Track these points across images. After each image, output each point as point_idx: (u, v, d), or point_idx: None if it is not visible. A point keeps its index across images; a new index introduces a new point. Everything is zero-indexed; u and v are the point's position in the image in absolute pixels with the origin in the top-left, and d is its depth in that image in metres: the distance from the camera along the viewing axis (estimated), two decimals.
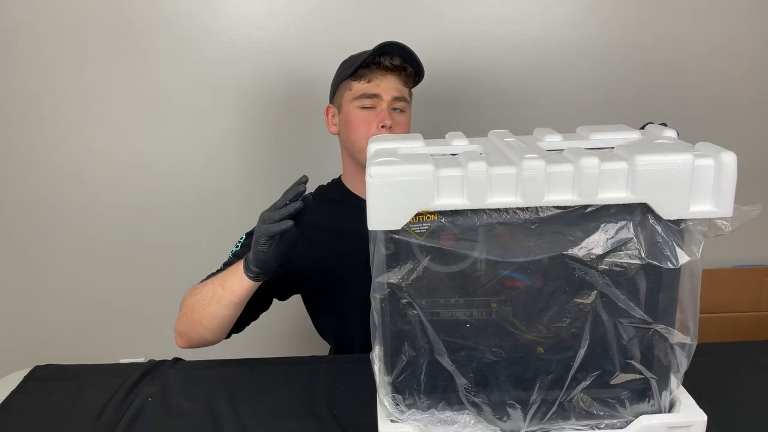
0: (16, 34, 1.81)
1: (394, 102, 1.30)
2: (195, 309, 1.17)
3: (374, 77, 1.29)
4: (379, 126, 1.28)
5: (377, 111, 1.30)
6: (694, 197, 0.80)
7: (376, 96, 1.30)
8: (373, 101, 1.30)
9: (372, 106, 1.30)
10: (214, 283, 1.15)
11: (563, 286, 0.85)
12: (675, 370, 0.87)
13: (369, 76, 1.30)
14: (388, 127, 1.28)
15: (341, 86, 1.35)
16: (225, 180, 1.95)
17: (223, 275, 1.15)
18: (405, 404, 0.89)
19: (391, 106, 1.30)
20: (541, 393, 0.87)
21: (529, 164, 0.79)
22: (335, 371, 1.20)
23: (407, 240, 0.82)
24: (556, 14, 1.83)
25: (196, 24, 1.82)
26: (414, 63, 1.33)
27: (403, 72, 1.32)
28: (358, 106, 1.31)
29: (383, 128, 1.28)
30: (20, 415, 1.12)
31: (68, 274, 2.01)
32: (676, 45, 1.85)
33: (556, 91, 1.88)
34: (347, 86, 1.33)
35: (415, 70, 1.34)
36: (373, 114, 1.30)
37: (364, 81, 1.30)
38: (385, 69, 1.30)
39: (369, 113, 1.30)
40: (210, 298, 1.14)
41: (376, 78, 1.29)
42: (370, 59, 1.29)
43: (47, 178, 1.93)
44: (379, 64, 1.29)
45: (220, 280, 1.14)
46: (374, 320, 0.87)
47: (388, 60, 1.29)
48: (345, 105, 1.33)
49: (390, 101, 1.30)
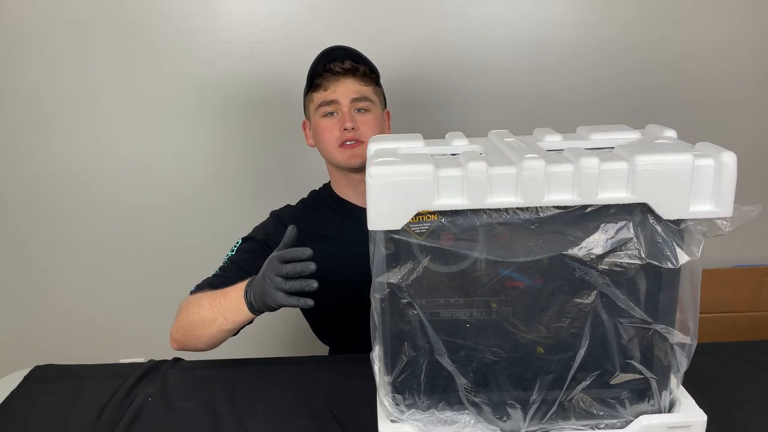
0: (17, 34, 1.81)
1: (354, 103, 1.32)
2: (193, 326, 1.16)
3: (329, 84, 1.32)
4: (342, 129, 1.30)
5: (339, 116, 1.32)
6: (694, 197, 0.80)
7: (334, 102, 1.31)
8: (334, 107, 1.32)
9: (333, 111, 1.32)
10: (213, 308, 1.13)
11: (563, 286, 0.85)
12: (675, 370, 0.87)
13: (324, 84, 1.32)
14: (350, 129, 1.29)
15: (306, 100, 1.39)
16: (226, 180, 1.95)
17: (223, 302, 1.13)
18: (405, 404, 0.89)
19: (352, 108, 1.31)
20: (541, 393, 0.87)
21: (529, 164, 0.79)
22: (335, 371, 1.20)
23: (407, 240, 0.82)
24: (556, 14, 1.83)
25: (197, 24, 1.82)
26: (365, 62, 1.35)
27: (357, 72, 1.33)
28: (321, 115, 1.33)
29: (346, 131, 1.29)
30: (20, 415, 1.12)
31: (68, 274, 2.01)
32: (676, 45, 1.85)
33: (556, 91, 1.88)
34: (310, 99, 1.36)
35: (369, 67, 1.35)
36: (336, 119, 1.32)
37: (321, 90, 1.32)
38: (337, 74, 1.31)
39: (332, 120, 1.32)
40: (210, 322, 1.14)
41: (330, 84, 1.31)
42: (321, 68, 1.32)
43: (47, 178, 1.93)
44: (331, 71, 1.31)
45: (221, 307, 1.13)
46: (374, 320, 0.87)
47: (338, 65, 1.31)
48: (312, 117, 1.36)
49: (349, 104, 1.31)
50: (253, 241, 1.32)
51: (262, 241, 1.31)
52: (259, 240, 1.31)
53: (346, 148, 1.31)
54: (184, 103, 1.87)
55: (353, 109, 1.31)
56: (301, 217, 1.36)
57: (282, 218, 1.36)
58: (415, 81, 1.84)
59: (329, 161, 1.38)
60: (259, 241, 1.31)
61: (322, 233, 1.34)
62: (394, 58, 1.81)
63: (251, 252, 1.30)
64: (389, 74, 1.83)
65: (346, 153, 1.31)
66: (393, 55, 1.81)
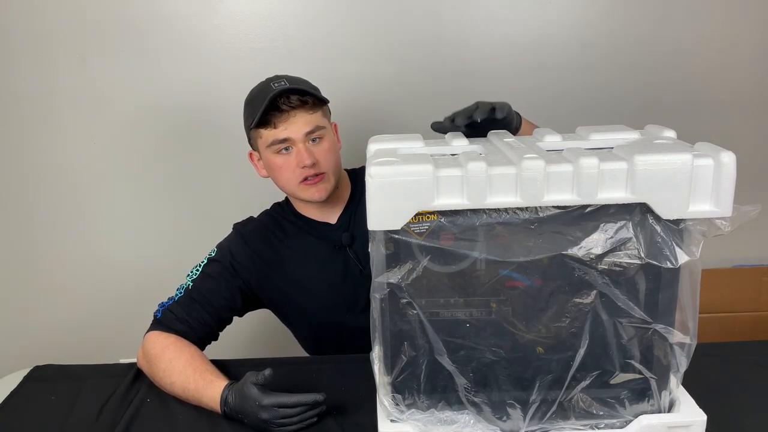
0: (16, 34, 1.81)
1: (308, 137, 1.25)
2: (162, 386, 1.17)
3: (279, 122, 1.24)
4: (301, 167, 1.25)
5: (294, 152, 1.25)
6: (694, 197, 0.80)
7: (287, 139, 1.24)
8: (287, 143, 1.25)
9: (287, 146, 1.25)
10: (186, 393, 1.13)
11: (563, 286, 0.85)
12: (675, 370, 0.87)
13: (273, 122, 1.24)
14: (309, 165, 1.24)
15: (252, 134, 1.30)
16: (226, 180, 1.95)
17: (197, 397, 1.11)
18: (405, 404, 0.89)
19: (306, 142, 1.25)
20: (541, 393, 0.87)
21: (528, 164, 0.79)
22: (335, 371, 1.20)
23: (407, 240, 0.82)
24: (556, 14, 1.83)
25: (196, 24, 1.82)
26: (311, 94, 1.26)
27: (305, 105, 1.25)
28: (274, 152, 1.26)
29: (306, 167, 1.24)
30: (20, 415, 1.12)
31: (68, 274, 2.01)
32: (675, 45, 1.85)
33: (555, 91, 1.88)
34: (257, 134, 1.28)
35: (317, 98, 1.27)
36: (292, 156, 1.25)
37: (271, 127, 1.24)
38: (285, 111, 1.23)
39: (287, 157, 1.26)
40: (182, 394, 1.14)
41: (280, 122, 1.24)
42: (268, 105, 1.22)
43: (47, 177, 1.92)
44: (279, 108, 1.23)
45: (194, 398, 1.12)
46: (374, 320, 0.87)
47: (285, 103, 1.23)
48: (263, 152, 1.29)
49: (303, 138, 1.24)
50: (218, 264, 1.28)
51: (228, 265, 1.28)
52: (225, 264, 1.28)
53: (308, 184, 1.26)
54: (184, 103, 1.87)
55: (307, 141, 1.25)
56: (264, 238, 1.33)
57: (246, 238, 1.33)
58: (415, 81, 1.84)
59: (290, 195, 1.35)
60: (225, 265, 1.28)
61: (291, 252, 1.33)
62: (393, 58, 1.81)
63: (217, 278, 1.27)
64: (389, 74, 1.84)
65: (311, 190, 1.27)
66: (392, 55, 1.81)
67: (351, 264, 1.31)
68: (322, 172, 1.26)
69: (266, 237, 1.34)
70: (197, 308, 1.24)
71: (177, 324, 1.23)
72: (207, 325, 1.25)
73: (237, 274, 1.28)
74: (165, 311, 1.25)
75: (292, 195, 1.33)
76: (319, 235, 1.34)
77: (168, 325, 1.23)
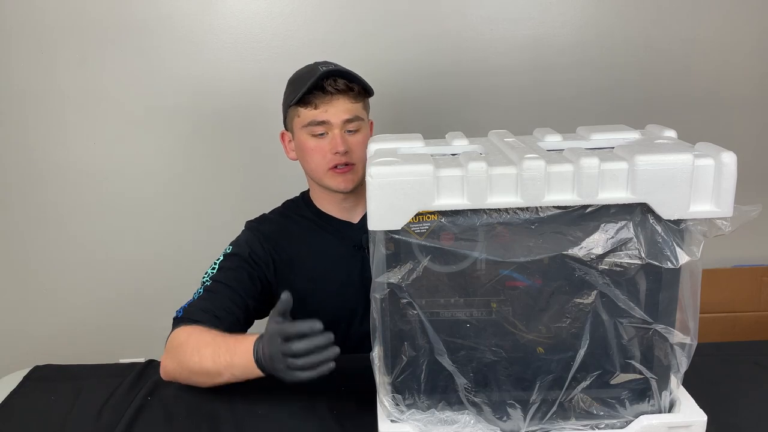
0: (16, 33, 1.81)
1: (346, 125, 1.24)
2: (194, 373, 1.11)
3: (320, 103, 1.23)
4: (333, 153, 1.24)
5: (329, 137, 1.24)
6: (694, 197, 0.80)
7: (325, 123, 1.23)
8: (324, 127, 1.24)
9: (323, 132, 1.24)
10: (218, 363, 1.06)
11: (563, 286, 0.85)
12: (675, 370, 0.87)
13: (315, 102, 1.23)
14: (343, 152, 1.24)
15: (290, 112, 1.29)
16: (227, 179, 1.95)
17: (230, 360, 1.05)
18: (405, 404, 0.89)
19: (343, 130, 1.24)
20: (541, 393, 0.87)
21: (529, 164, 0.79)
22: (335, 371, 1.19)
23: (407, 240, 0.82)
24: (556, 14, 1.83)
25: (197, 24, 1.82)
26: (359, 82, 1.26)
27: (350, 92, 1.25)
28: (309, 134, 1.25)
29: (338, 154, 1.24)
30: (20, 415, 1.12)
31: (68, 274, 2.01)
32: (676, 45, 1.85)
33: (556, 91, 1.88)
34: (296, 113, 1.27)
35: (363, 86, 1.27)
36: (326, 141, 1.24)
37: (311, 107, 1.23)
38: (329, 93, 1.23)
39: (321, 141, 1.25)
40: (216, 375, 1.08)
41: (322, 104, 1.23)
42: (312, 85, 1.21)
43: (47, 177, 1.92)
44: (323, 89, 1.22)
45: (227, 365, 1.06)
46: (374, 320, 0.87)
47: (331, 85, 1.22)
48: (297, 132, 1.28)
49: (341, 125, 1.24)
50: (237, 258, 1.26)
51: (247, 256, 1.27)
52: (244, 256, 1.26)
53: (337, 173, 1.25)
54: (184, 102, 1.87)
55: (344, 130, 1.25)
56: (279, 235, 1.32)
57: (262, 234, 1.31)
58: (415, 81, 1.84)
59: (316, 182, 1.32)
60: (245, 257, 1.26)
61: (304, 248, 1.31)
62: (393, 58, 1.81)
63: (237, 270, 1.25)
64: (389, 74, 1.84)
65: (338, 179, 1.26)
66: (392, 55, 1.81)
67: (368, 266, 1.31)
68: (352, 162, 1.25)
69: (282, 234, 1.32)
70: (219, 298, 1.20)
71: (200, 314, 1.16)
72: (232, 313, 1.20)
73: (257, 264, 1.26)
74: (186, 309, 1.19)
75: (318, 181, 1.30)
76: (338, 234, 1.32)
77: (191, 318, 1.16)
